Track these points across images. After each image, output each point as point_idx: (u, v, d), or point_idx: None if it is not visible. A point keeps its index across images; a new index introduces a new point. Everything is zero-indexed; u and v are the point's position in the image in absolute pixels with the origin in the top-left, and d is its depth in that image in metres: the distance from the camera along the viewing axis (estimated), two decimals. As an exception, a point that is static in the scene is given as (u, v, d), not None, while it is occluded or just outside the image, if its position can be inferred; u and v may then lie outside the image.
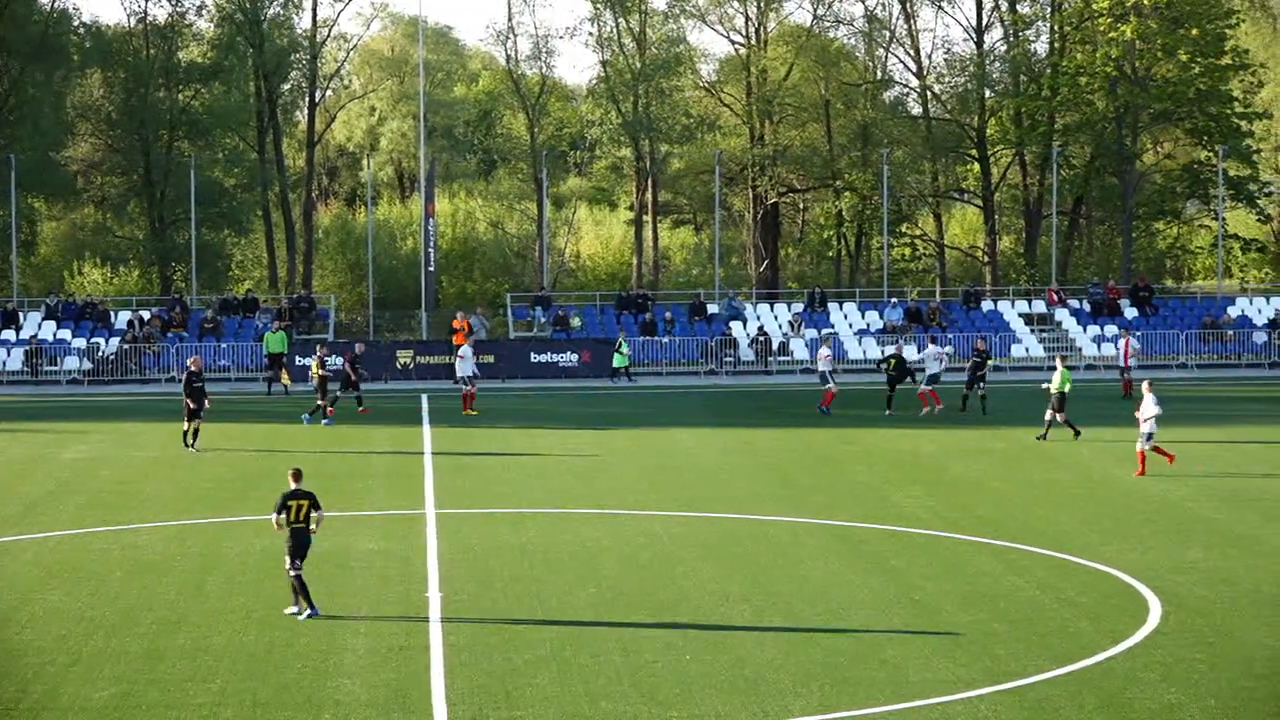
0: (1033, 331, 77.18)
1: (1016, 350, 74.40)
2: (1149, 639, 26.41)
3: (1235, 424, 53.76)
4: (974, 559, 32.63)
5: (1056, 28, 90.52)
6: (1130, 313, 77.96)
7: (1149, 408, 42.46)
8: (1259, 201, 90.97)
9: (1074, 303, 79.39)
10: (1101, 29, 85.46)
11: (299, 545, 27.53)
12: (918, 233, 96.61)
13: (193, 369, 48.79)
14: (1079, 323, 77.50)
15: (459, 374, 59.61)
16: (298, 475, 27.96)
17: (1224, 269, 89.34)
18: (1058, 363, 50.80)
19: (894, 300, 79.57)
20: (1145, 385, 43.44)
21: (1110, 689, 23.70)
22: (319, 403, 55.44)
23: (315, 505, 27.71)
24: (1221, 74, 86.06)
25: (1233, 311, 78.30)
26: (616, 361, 70.47)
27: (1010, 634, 26.67)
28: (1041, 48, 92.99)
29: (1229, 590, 29.76)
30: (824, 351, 59.36)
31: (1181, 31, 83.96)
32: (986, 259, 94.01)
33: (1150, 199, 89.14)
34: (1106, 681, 24.08)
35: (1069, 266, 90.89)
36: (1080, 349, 75.22)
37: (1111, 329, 76.13)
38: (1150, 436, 42.45)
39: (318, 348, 60.52)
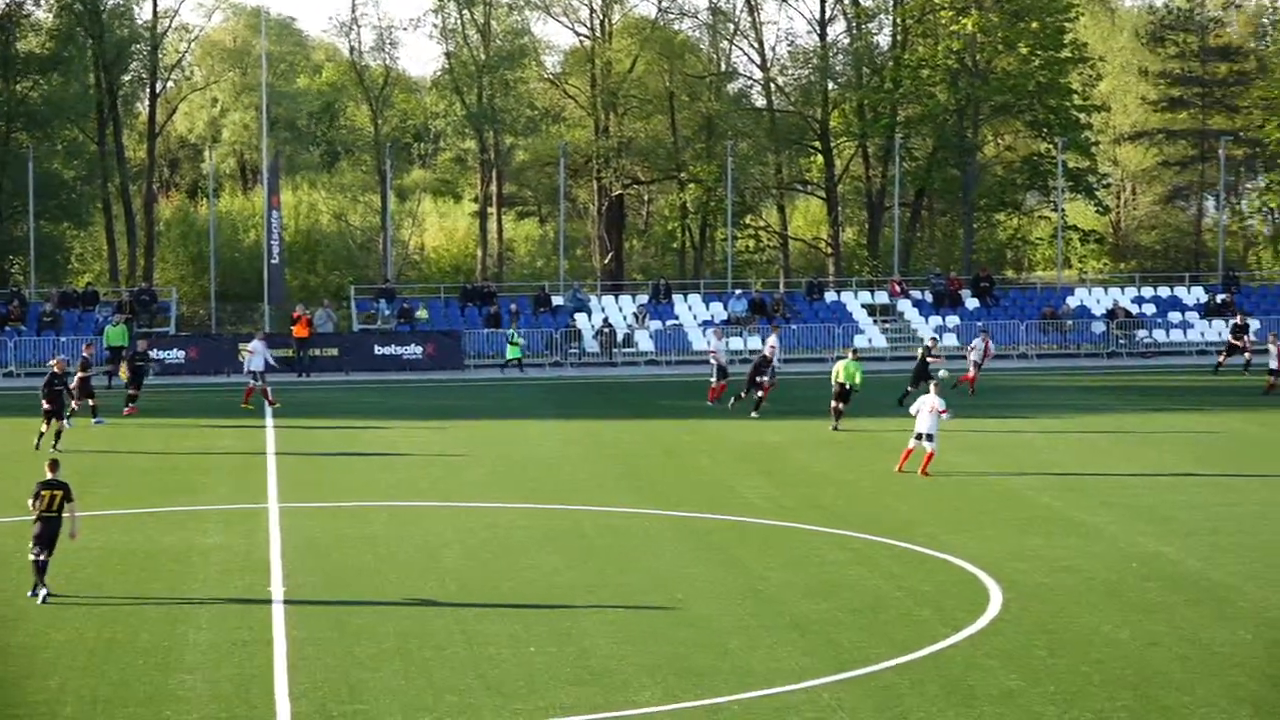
0: (875, 322, 77.77)
1: (859, 341, 74.89)
2: (990, 626, 26.65)
3: (1074, 413, 54.41)
4: (817, 549, 32.80)
5: (899, 21, 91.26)
6: (971, 303, 78.75)
7: (929, 406, 42.13)
8: (1097, 193, 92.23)
9: (916, 294, 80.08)
10: (943, 22, 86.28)
11: (46, 532, 28.20)
12: (761, 224, 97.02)
13: (55, 370, 47.64)
14: (921, 313, 78.18)
15: (247, 368, 58.39)
16: (54, 466, 28.88)
17: (1063, 260, 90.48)
18: (848, 354, 50.73)
19: (738, 292, 79.90)
20: (934, 385, 43.19)
21: (952, 675, 23.89)
22: (84, 404, 51.85)
23: (69, 497, 28.43)
24: (1061, 67, 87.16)
25: (1071, 302, 79.30)
26: (510, 353, 70.36)
27: (853, 623, 26.83)
28: (884, 40, 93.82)
29: (1068, 577, 30.11)
30: (716, 344, 59.14)
31: (1022, 25, 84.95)
32: (829, 250, 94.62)
33: (991, 190, 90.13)
34: (948, 668, 24.27)
35: (911, 257, 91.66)
36: (922, 339, 75.79)
37: (953, 319, 76.88)
38: (931, 437, 41.79)
39: (83, 347, 59.34)
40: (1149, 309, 78.84)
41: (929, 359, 54.93)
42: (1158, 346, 76.12)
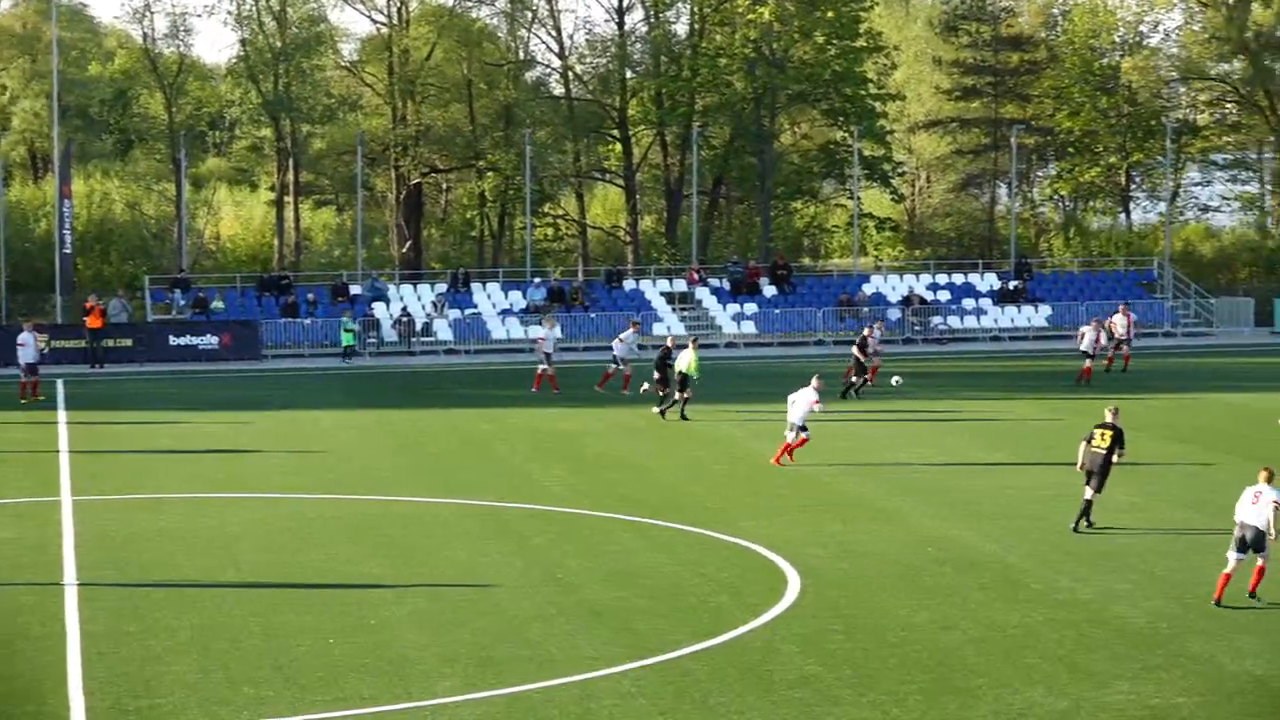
0: (674, 310, 78.08)
1: (659, 329, 75.15)
2: (788, 611, 26.89)
3: (869, 399, 54.96)
4: (616, 536, 32.89)
5: (696, 9, 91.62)
6: (769, 291, 79.32)
7: (805, 400, 42.36)
8: (892, 181, 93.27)
9: (714, 281, 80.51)
10: (740, 11, 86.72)
11: None
12: (560, 212, 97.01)
13: None
14: (719, 301, 78.62)
15: (21, 361, 57.00)
16: None
17: (859, 247, 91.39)
18: (689, 344, 50.92)
19: (537, 280, 79.84)
20: (816, 378, 43.43)
21: (750, 661, 24.06)
22: None
23: None
24: (856, 56, 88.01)
25: (868, 289, 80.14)
26: (346, 340, 69.73)
27: (652, 609, 26.93)
28: (682, 29, 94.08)
29: (864, 562, 30.46)
30: (625, 335, 58.59)
31: (818, 14, 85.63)
32: (628, 238, 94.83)
33: (788, 179, 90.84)
34: (746, 654, 24.45)
35: (709, 245, 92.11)
36: (720, 327, 76.32)
37: (751, 307, 77.40)
38: (804, 428, 42.17)
39: None
40: (943, 296, 79.89)
41: (864, 351, 54.89)
42: (952, 332, 77.16)
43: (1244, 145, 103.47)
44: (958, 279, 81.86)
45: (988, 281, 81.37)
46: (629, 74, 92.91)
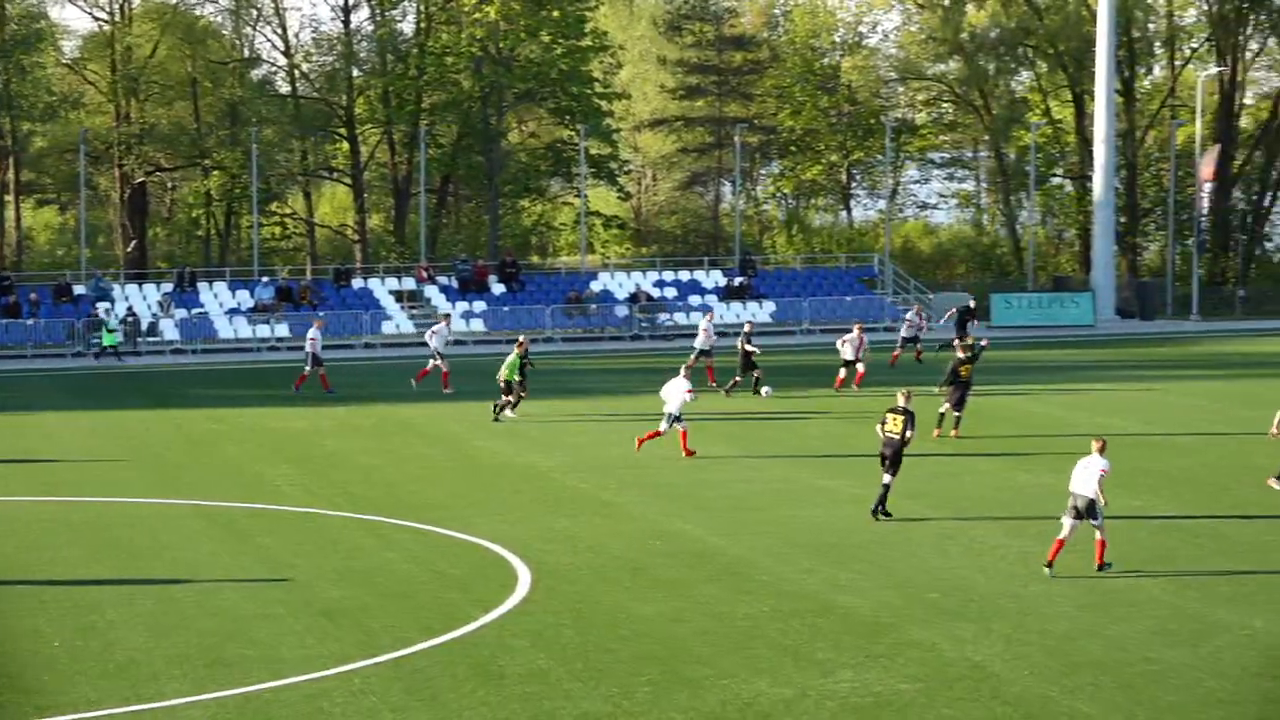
0: (403, 308, 77.91)
1: (387, 327, 75.00)
2: (519, 607, 27.07)
3: (599, 395, 55.36)
4: (346, 534, 32.84)
5: (423, 8, 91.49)
6: (498, 288, 79.48)
7: (677, 390, 42.29)
8: (619, 179, 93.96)
9: (443, 279, 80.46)
10: (466, 10, 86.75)
11: None
12: (288, 211, 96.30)
13: None
14: (448, 299, 78.60)
15: None
16: None
17: (587, 245, 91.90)
18: (516, 347, 49.84)
19: (265, 279, 79.18)
20: (684, 368, 43.76)
21: (481, 657, 24.20)
22: None
23: None
24: (582, 55, 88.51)
25: (595, 286, 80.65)
26: (106, 340, 68.25)
27: (383, 608, 26.96)
28: (408, 27, 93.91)
29: (594, 557, 30.74)
30: (437, 328, 57.69)
31: (544, 13, 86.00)
32: (356, 237, 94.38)
33: (516, 177, 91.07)
34: (478, 650, 24.58)
35: (438, 243, 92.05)
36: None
37: (480, 304, 77.49)
38: (679, 419, 42.22)
39: None
40: (670, 292, 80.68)
41: (748, 347, 54.28)
42: (679, 328, 77.92)
43: (960, 144, 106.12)
44: (684, 276, 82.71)
45: (713, 278, 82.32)
46: (355, 72, 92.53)
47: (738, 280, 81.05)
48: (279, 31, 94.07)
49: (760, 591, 28.08)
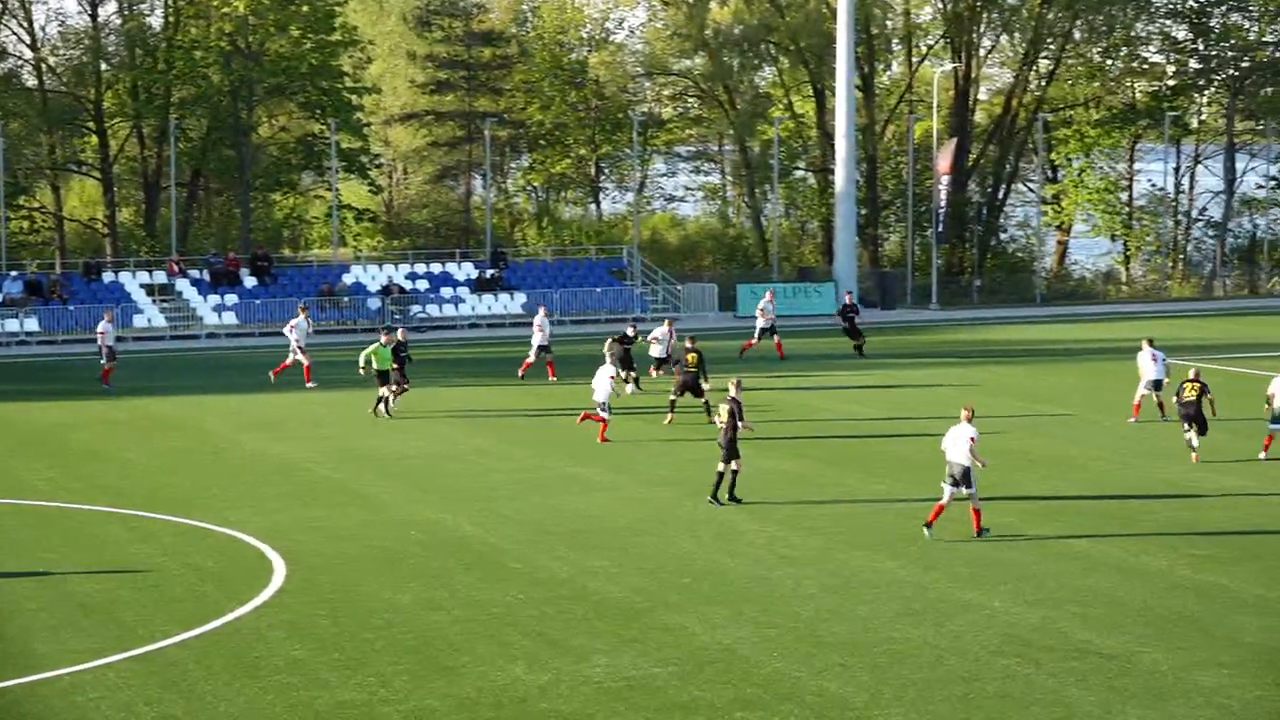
0: (154, 302, 77.12)
1: (139, 321, 74.18)
2: (275, 598, 27.28)
3: (351, 388, 55.22)
4: (100, 528, 32.75)
5: (171, 2, 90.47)
6: (250, 282, 78.97)
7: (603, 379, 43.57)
8: (370, 173, 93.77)
9: (194, 273, 79.74)
10: (215, 4, 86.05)
11: None
12: (36, 205, 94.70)
13: None
14: (200, 293, 77.94)
15: None
16: None
17: (339, 238, 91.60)
18: (382, 338, 48.63)
19: (13, 274, 77.89)
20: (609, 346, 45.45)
21: (238, 648, 24.40)
22: None
23: None
24: (332, 50, 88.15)
25: (348, 279, 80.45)
26: None
27: (138, 601, 27.01)
28: (157, 21, 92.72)
29: (350, 547, 31.01)
30: (296, 321, 56.24)
31: (292, 8, 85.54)
32: (106, 231, 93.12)
33: (267, 171, 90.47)
34: (233, 641, 24.77)
35: (189, 237, 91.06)
36: (201, 318, 75.68)
37: (232, 298, 76.97)
38: (606, 408, 43.28)
39: None
40: (422, 285, 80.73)
41: (625, 344, 53.28)
42: (431, 321, 78.03)
43: (706, 138, 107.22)
44: (436, 268, 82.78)
45: (465, 271, 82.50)
46: (104, 66, 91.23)
47: (489, 273, 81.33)
48: (25, 25, 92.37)
49: (515, 579, 28.55)
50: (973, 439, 30.98)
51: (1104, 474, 38.06)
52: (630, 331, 54.41)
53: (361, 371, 48.49)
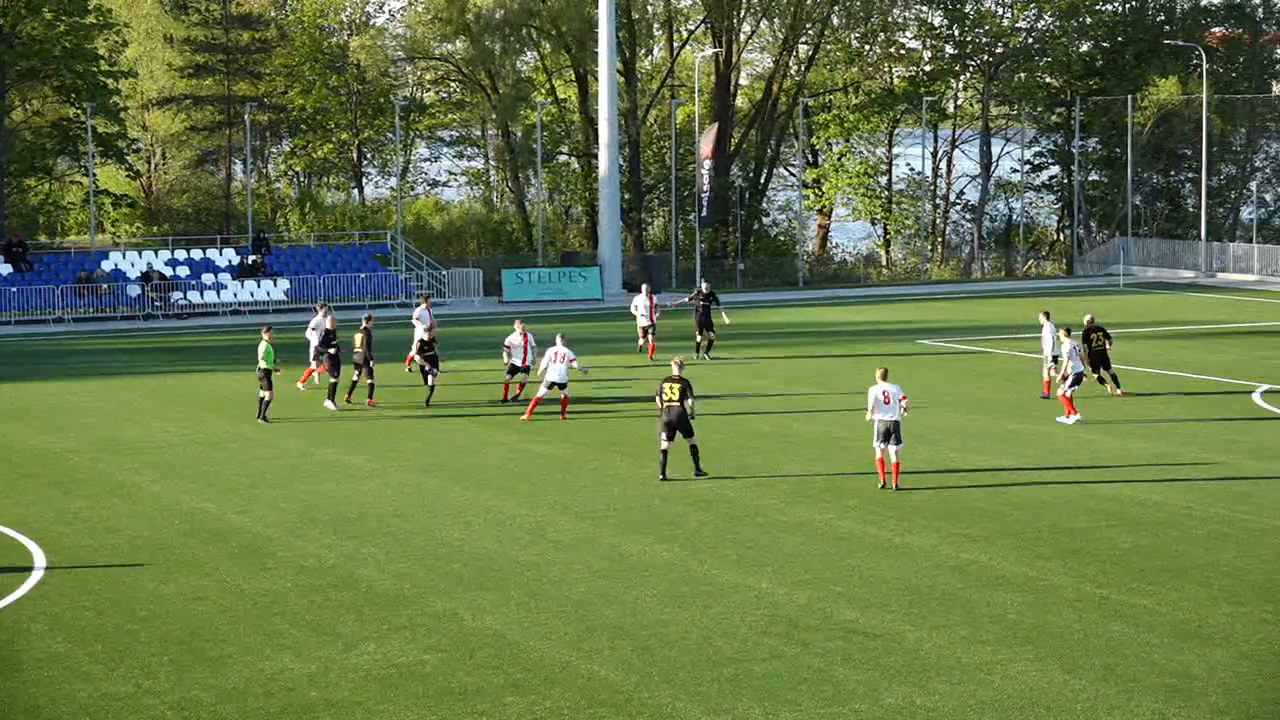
0: (-97, 292, 75.38)
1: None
2: (35, 591, 26.84)
3: (113, 375, 54.49)
4: None
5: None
6: (4, 269, 77.45)
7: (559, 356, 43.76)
8: (128, 158, 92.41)
9: (-54, 261, 78.06)
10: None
11: None
12: None
13: None
14: (-49, 281, 76.34)
15: None
16: None
17: (97, 224, 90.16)
18: (264, 335, 45.54)
19: None
20: (560, 337, 44.52)
21: (-2, 642, 24.05)
22: None
23: None
24: (86, 33, 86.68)
25: (107, 265, 79.19)
26: None
27: (-106, 597, 26.47)
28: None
29: (112, 537, 30.59)
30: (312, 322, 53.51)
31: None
32: None
33: (21, 156, 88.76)
34: (-5, 635, 24.40)
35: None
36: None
37: (-16, 287, 75.52)
38: (563, 385, 43.77)
39: None
40: (183, 271, 79.70)
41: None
42: (193, 307, 77.07)
43: (469, 123, 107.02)
44: (197, 254, 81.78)
45: (226, 257, 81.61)
46: None
47: (251, 258, 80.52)
48: None
49: (281, 568, 28.36)
50: (905, 398, 34.17)
51: (867, 455, 38.60)
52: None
53: (277, 373, 45.13)
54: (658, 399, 35.72)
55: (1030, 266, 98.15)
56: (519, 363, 46.61)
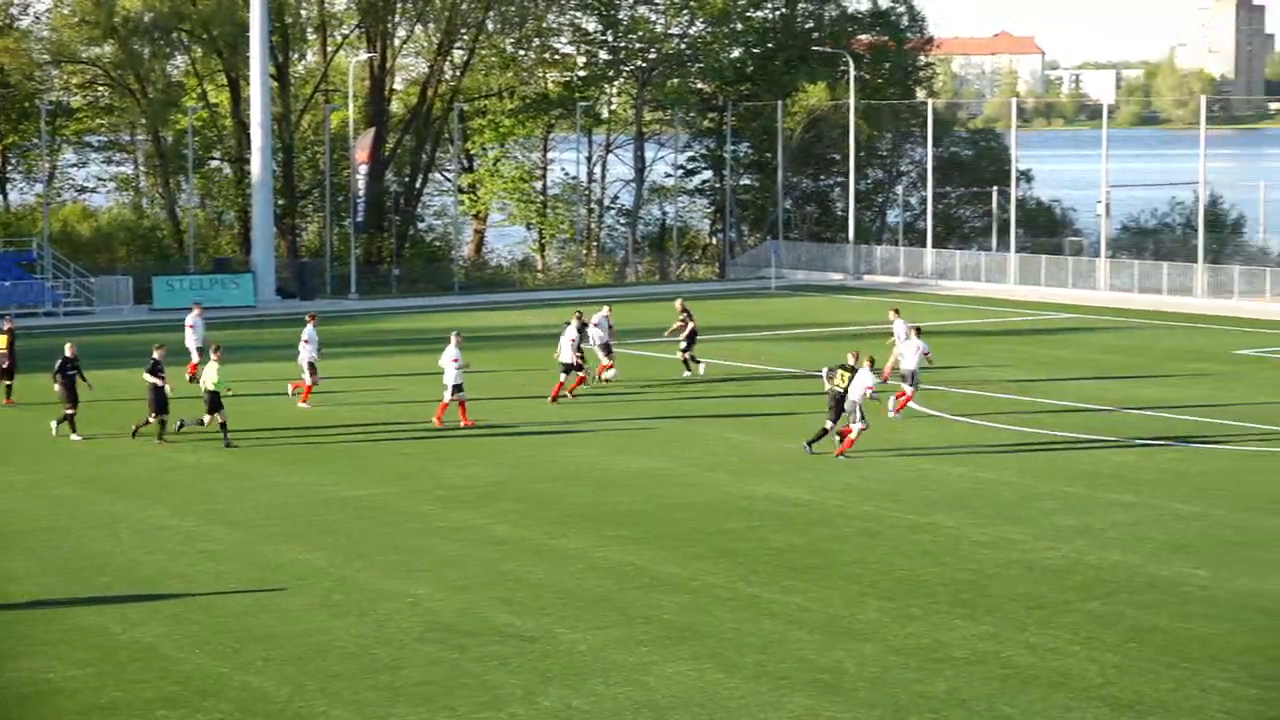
0: None
1: None
2: None
3: None
4: None
5: None
6: None
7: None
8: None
9: None
10: None
11: None
12: None
13: None
14: None
15: None
16: None
17: None
18: (213, 355, 42.62)
19: None
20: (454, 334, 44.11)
21: None
22: None
23: None
24: None
25: None
26: None
27: None
28: None
29: None
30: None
31: None
32: None
33: None
34: None
35: None
36: None
37: None
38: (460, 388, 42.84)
39: None
40: None
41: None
42: None
43: (118, 128, 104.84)
44: None
45: None
46: None
47: None
48: None
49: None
50: (869, 386, 37.73)
51: (523, 457, 38.78)
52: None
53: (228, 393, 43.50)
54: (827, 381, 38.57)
55: (684, 270, 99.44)
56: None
